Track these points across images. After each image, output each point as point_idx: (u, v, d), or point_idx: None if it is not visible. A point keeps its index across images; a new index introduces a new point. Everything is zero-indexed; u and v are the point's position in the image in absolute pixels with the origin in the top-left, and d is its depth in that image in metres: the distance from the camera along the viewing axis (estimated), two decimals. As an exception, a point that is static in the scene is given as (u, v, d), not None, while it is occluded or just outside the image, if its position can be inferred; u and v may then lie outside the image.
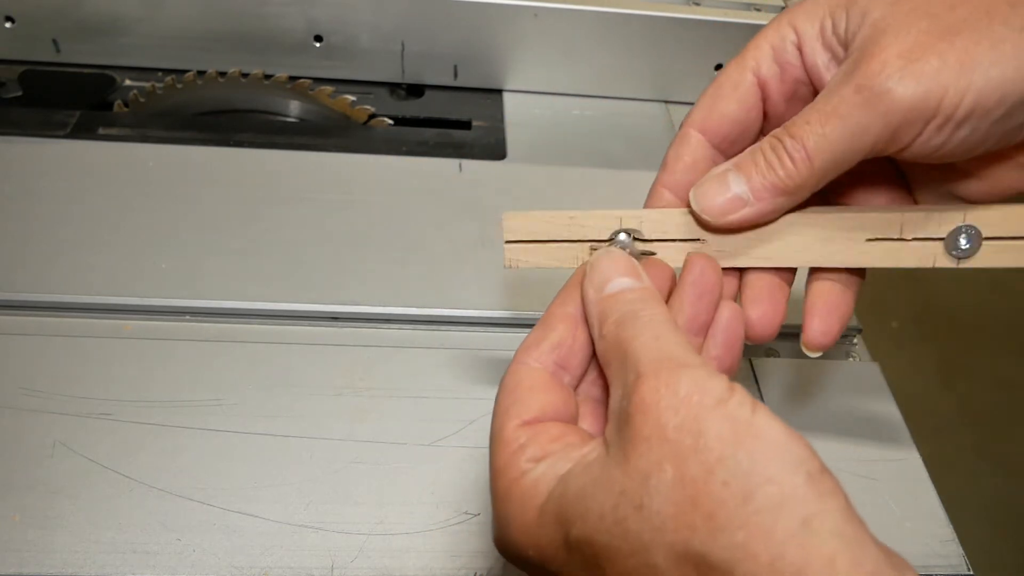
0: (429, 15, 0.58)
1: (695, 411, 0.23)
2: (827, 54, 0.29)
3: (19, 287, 0.44)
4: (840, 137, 0.27)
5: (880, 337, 1.50)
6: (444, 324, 0.46)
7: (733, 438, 0.22)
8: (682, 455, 0.22)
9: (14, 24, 0.59)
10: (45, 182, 0.51)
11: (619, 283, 0.29)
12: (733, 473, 0.22)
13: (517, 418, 0.27)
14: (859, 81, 0.26)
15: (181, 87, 0.59)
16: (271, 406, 0.40)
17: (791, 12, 0.30)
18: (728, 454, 0.22)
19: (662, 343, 0.25)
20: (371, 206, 0.51)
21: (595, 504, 0.24)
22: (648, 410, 0.23)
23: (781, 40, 0.30)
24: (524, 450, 0.27)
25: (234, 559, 0.35)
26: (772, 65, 0.31)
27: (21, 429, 0.38)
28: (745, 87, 0.31)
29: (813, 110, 0.28)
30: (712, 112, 0.31)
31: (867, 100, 0.26)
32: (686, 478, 0.22)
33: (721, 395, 0.23)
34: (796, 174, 0.28)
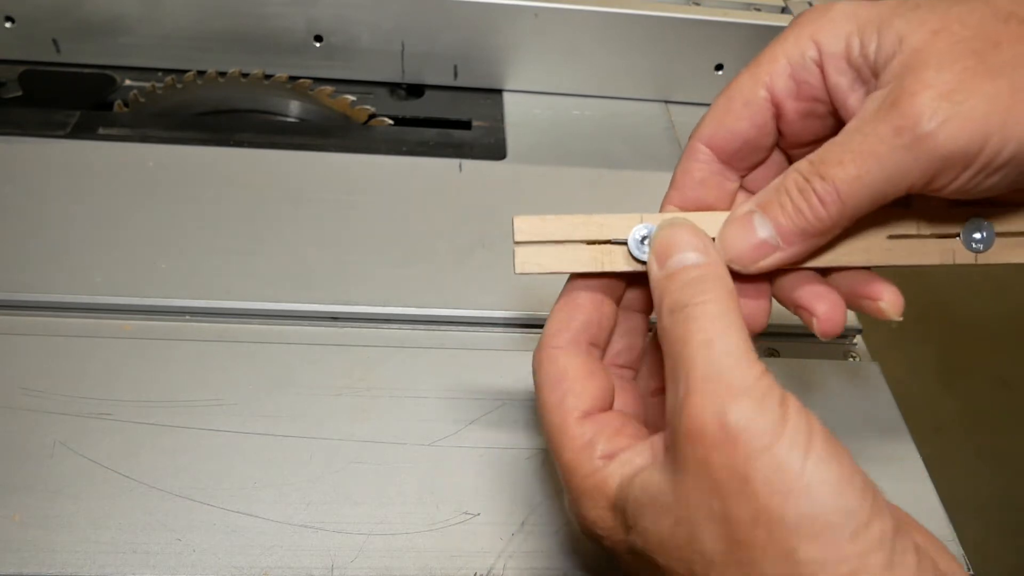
0: (429, 15, 0.58)
1: (743, 453, 0.23)
2: (852, 74, 0.27)
3: (19, 287, 0.44)
4: (876, 180, 0.26)
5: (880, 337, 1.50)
6: (444, 324, 0.46)
7: (780, 489, 0.22)
8: (729, 495, 0.23)
9: (14, 24, 0.59)
10: (45, 182, 0.51)
11: (681, 259, 0.27)
12: (777, 525, 0.22)
13: (576, 411, 0.28)
14: (899, 122, 0.25)
15: (181, 87, 0.59)
16: (271, 406, 0.40)
17: (813, 25, 0.28)
18: (774, 505, 0.22)
19: (712, 352, 0.24)
20: (371, 206, 0.51)
21: (655, 526, 0.25)
22: (696, 441, 0.23)
23: (800, 55, 0.28)
24: (593, 446, 0.27)
25: (234, 559, 0.35)
26: (788, 82, 0.28)
27: (21, 429, 0.38)
28: (757, 104, 0.29)
29: (846, 149, 0.26)
30: (721, 128, 0.30)
31: (908, 144, 0.25)
32: (732, 519, 0.23)
33: (771, 435, 0.23)
34: (827, 218, 0.27)
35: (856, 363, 0.47)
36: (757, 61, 0.29)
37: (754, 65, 0.29)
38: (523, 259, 0.30)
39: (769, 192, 0.28)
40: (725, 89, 0.30)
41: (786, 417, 0.23)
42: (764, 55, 0.29)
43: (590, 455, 0.27)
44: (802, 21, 0.29)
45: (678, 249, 0.27)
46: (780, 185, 0.28)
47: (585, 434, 0.28)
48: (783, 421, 0.23)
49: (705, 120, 0.30)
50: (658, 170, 0.54)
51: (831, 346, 0.48)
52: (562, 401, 0.28)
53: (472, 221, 0.51)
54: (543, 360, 0.29)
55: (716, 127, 0.30)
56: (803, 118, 0.29)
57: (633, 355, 0.33)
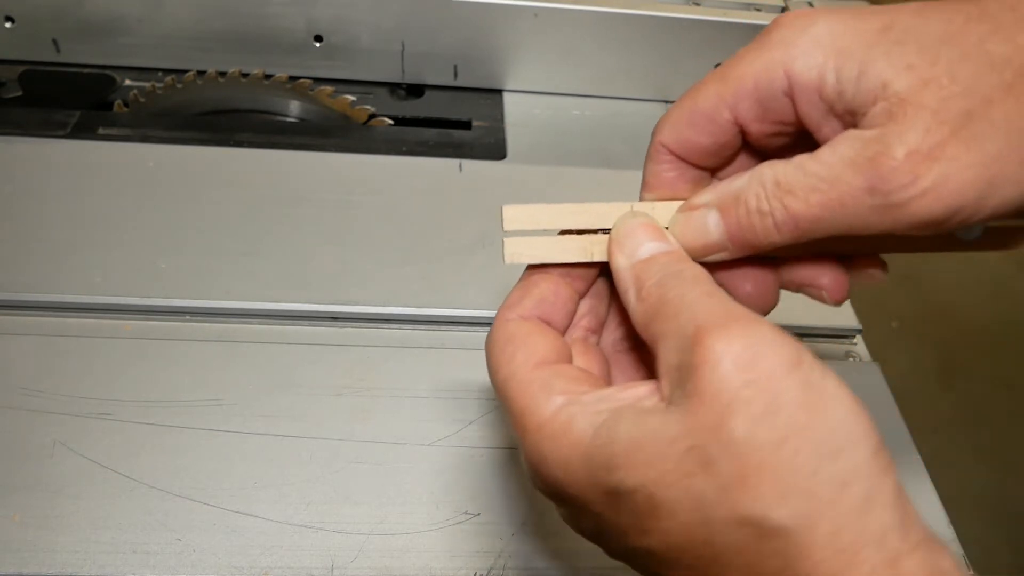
0: (429, 15, 0.58)
1: (769, 372, 0.22)
2: (825, 107, 0.26)
3: (19, 287, 0.44)
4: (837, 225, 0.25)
5: (880, 337, 1.50)
6: (444, 324, 0.46)
7: (806, 407, 0.22)
8: (754, 416, 0.22)
9: (14, 24, 0.59)
10: (45, 182, 0.51)
11: (650, 247, 0.27)
12: (804, 442, 0.22)
13: (528, 361, 0.27)
14: (875, 182, 0.24)
15: (181, 87, 0.59)
16: (271, 406, 0.40)
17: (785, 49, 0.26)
18: (801, 423, 0.22)
19: (717, 299, 0.24)
20: (371, 206, 0.52)
21: (656, 457, 0.23)
22: (717, 363, 0.23)
23: (769, 84, 0.27)
24: (550, 387, 0.26)
25: (234, 559, 0.35)
26: (753, 106, 0.27)
27: (21, 429, 0.38)
28: (720, 124, 0.28)
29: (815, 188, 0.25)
30: (681, 136, 0.29)
31: (879, 206, 0.24)
32: (756, 440, 0.22)
33: (794, 357, 0.23)
34: (779, 241, 0.27)
35: (856, 363, 0.47)
36: (724, 76, 0.28)
37: (720, 80, 0.28)
38: (512, 249, 0.30)
39: (728, 197, 0.28)
40: (690, 93, 0.29)
41: (802, 349, 0.23)
42: (732, 70, 0.28)
43: (548, 393, 0.26)
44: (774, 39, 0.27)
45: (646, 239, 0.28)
46: (741, 196, 0.27)
47: (539, 378, 0.26)
48: (800, 350, 0.23)
49: (668, 121, 0.29)
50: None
51: (831, 346, 0.48)
52: (512, 357, 0.27)
53: (472, 221, 0.51)
54: (494, 329, 0.28)
55: (677, 135, 0.29)
56: (769, 136, 0.29)
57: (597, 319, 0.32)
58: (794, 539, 0.22)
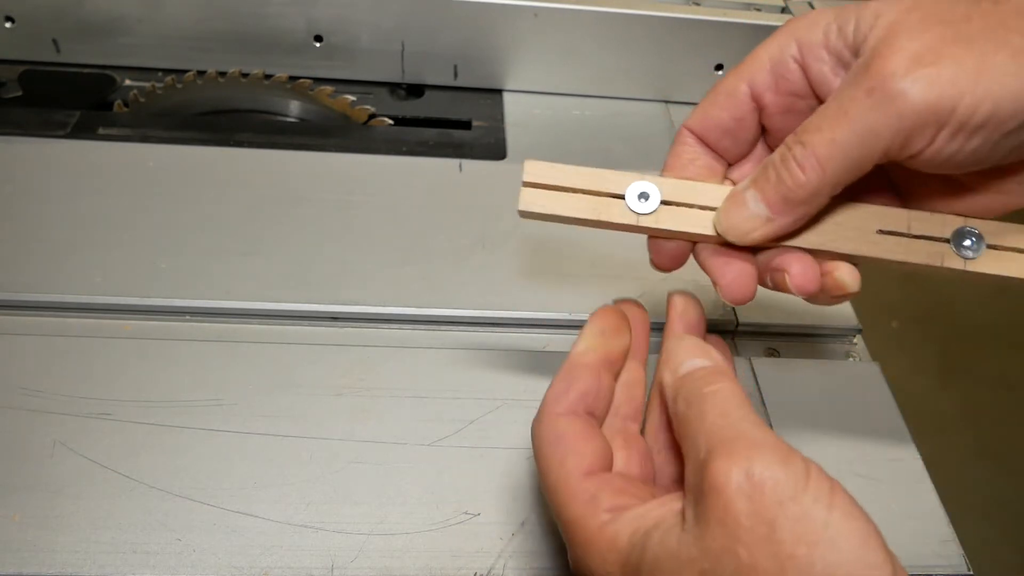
0: (429, 15, 0.58)
1: (769, 501, 0.23)
2: (833, 59, 0.29)
3: (19, 287, 0.44)
4: (851, 141, 0.26)
5: (880, 337, 1.50)
6: (444, 324, 0.46)
7: (806, 539, 0.23)
8: (755, 543, 0.23)
9: (14, 24, 0.59)
10: (45, 182, 0.51)
11: (691, 364, 0.29)
12: (805, 571, 0.22)
13: (577, 469, 0.29)
14: (871, 83, 0.26)
15: (181, 87, 0.59)
16: (271, 406, 0.40)
17: (793, 24, 0.30)
18: (800, 554, 0.23)
19: (730, 420, 0.26)
20: (371, 206, 0.51)
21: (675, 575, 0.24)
22: (720, 492, 0.24)
23: (780, 52, 0.30)
24: (598, 501, 0.28)
25: (234, 559, 0.35)
26: (767, 77, 0.30)
27: (21, 429, 0.38)
28: (738, 97, 0.31)
29: (823, 116, 0.27)
30: (706, 118, 0.32)
31: (879, 102, 0.25)
32: (759, 567, 0.23)
33: (796, 486, 0.23)
34: (807, 183, 0.28)
35: (856, 363, 0.47)
36: (743, 61, 0.31)
37: (739, 64, 0.31)
38: (528, 199, 0.31)
39: (759, 169, 0.30)
40: (713, 85, 0.32)
41: (809, 472, 0.24)
42: (749, 56, 0.31)
43: (595, 509, 0.28)
44: (785, 26, 0.30)
45: (688, 357, 0.29)
46: (768, 159, 0.29)
47: (589, 489, 0.28)
48: (807, 475, 0.24)
49: (695, 110, 0.32)
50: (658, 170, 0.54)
51: (831, 346, 0.48)
52: (563, 460, 0.29)
53: (472, 221, 0.51)
54: (543, 424, 0.30)
55: (701, 117, 0.32)
56: (784, 112, 0.31)
57: (634, 406, 0.34)
58: None
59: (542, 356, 0.45)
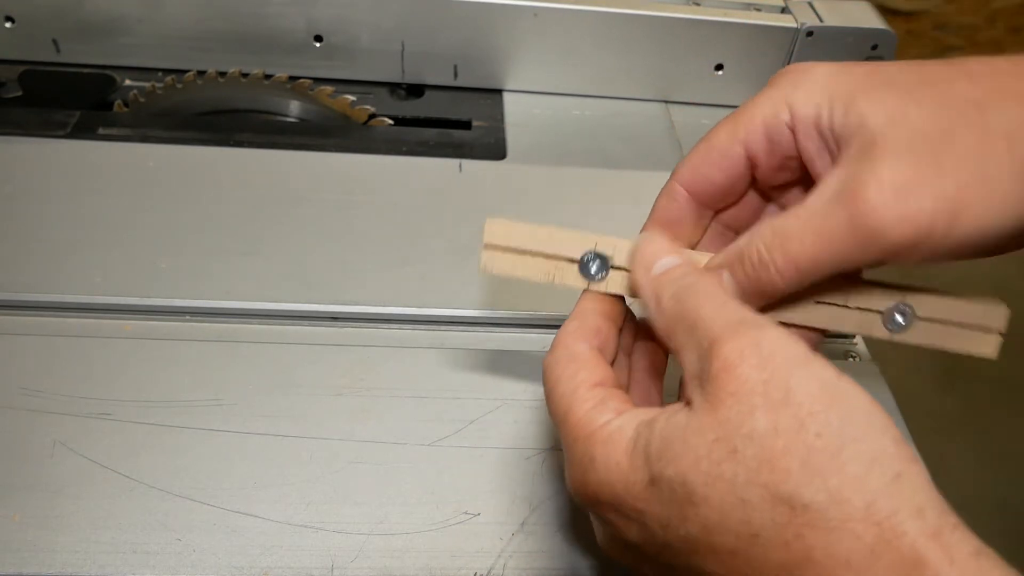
0: (429, 15, 0.58)
1: (783, 367, 0.24)
2: (819, 141, 0.30)
3: (19, 287, 0.44)
4: (831, 260, 0.28)
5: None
6: (444, 324, 0.46)
7: (822, 396, 0.24)
8: (773, 407, 0.24)
9: (14, 24, 0.59)
10: (45, 182, 0.51)
11: (665, 262, 0.30)
12: (825, 427, 0.23)
13: (589, 379, 0.29)
14: (853, 213, 0.27)
15: (181, 87, 0.59)
16: (271, 406, 0.40)
17: (789, 89, 0.30)
18: (819, 409, 0.24)
19: (729, 309, 0.27)
20: (371, 206, 0.52)
21: (687, 448, 0.25)
22: (733, 368, 0.25)
23: (775, 118, 0.30)
24: (605, 403, 0.28)
25: (234, 559, 0.35)
26: (763, 141, 0.31)
27: (21, 429, 0.38)
28: (733, 159, 0.32)
29: (807, 230, 0.28)
30: (698, 174, 0.33)
31: (862, 236, 0.27)
32: (779, 427, 0.23)
33: (805, 355, 0.25)
34: (783, 287, 0.29)
35: (856, 363, 0.47)
36: (735, 117, 0.31)
37: (732, 121, 0.31)
38: (487, 262, 0.33)
39: (733, 255, 0.30)
40: (706, 137, 0.32)
41: (815, 351, 0.25)
42: (743, 112, 0.31)
43: (603, 409, 0.28)
44: (781, 82, 0.31)
45: (661, 254, 0.30)
46: (744, 252, 0.30)
47: (598, 395, 0.29)
48: (812, 349, 0.25)
49: (685, 162, 0.33)
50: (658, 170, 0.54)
51: (831, 346, 0.48)
52: (576, 373, 0.30)
53: (472, 221, 0.51)
54: (557, 350, 0.31)
55: (693, 174, 0.33)
56: (775, 170, 0.32)
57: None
58: (830, 513, 0.22)
59: (542, 356, 0.45)
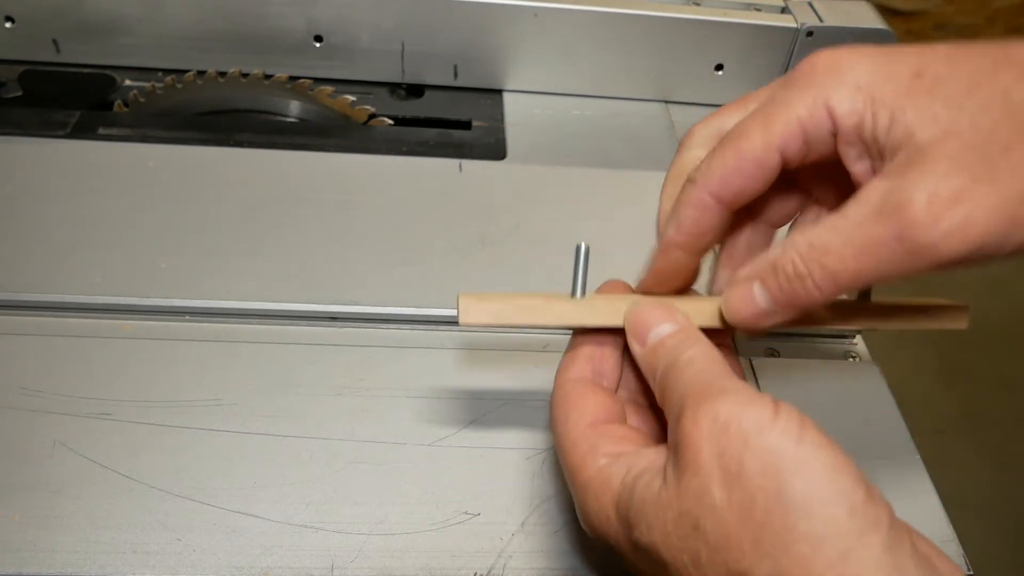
0: (429, 15, 0.58)
1: (735, 439, 0.24)
2: (860, 147, 0.28)
3: (19, 287, 0.44)
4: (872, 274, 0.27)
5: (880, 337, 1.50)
6: (444, 324, 0.46)
7: (774, 470, 0.24)
8: (728, 481, 0.24)
9: (14, 24, 0.59)
10: (45, 182, 0.51)
11: (657, 332, 0.30)
12: (774, 503, 0.23)
13: (580, 422, 0.30)
14: (902, 230, 0.25)
15: (181, 87, 0.59)
16: (271, 406, 0.40)
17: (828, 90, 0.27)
18: (769, 485, 0.23)
19: (700, 377, 0.27)
20: (371, 206, 0.51)
21: (657, 520, 0.26)
22: (690, 441, 0.25)
23: (815, 124, 0.28)
24: (597, 447, 0.29)
25: (234, 559, 0.35)
26: (799, 146, 0.28)
27: (21, 429, 0.38)
28: (769, 168, 0.29)
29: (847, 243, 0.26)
30: (731, 185, 0.30)
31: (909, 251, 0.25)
32: (732, 502, 0.24)
33: (761, 423, 0.24)
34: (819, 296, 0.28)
35: (856, 363, 0.47)
36: (769, 119, 0.28)
37: (765, 123, 0.29)
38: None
39: (767, 268, 0.29)
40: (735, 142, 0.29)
41: (777, 410, 0.25)
42: (777, 113, 0.28)
43: (594, 455, 0.29)
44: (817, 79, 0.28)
45: (653, 324, 0.30)
46: (778, 264, 0.28)
47: (590, 438, 0.29)
48: (774, 413, 0.25)
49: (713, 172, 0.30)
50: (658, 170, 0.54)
51: (831, 346, 0.48)
52: (568, 416, 0.30)
53: (472, 221, 0.51)
54: (554, 389, 0.32)
55: (725, 185, 0.30)
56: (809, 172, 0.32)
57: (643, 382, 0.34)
58: None
59: (542, 356, 0.45)
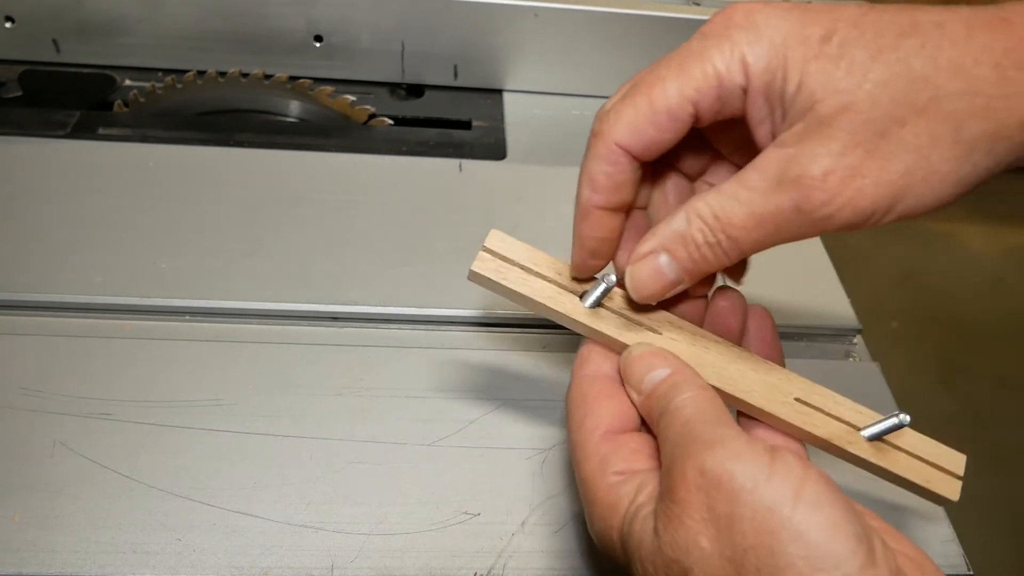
0: (429, 15, 0.58)
1: (726, 494, 0.24)
2: (766, 108, 0.28)
3: (19, 287, 0.44)
4: (772, 240, 0.28)
5: (880, 337, 1.50)
6: (444, 324, 0.46)
7: (767, 529, 0.23)
8: (718, 536, 0.24)
9: (14, 24, 0.59)
10: (45, 182, 0.51)
11: (651, 378, 0.30)
12: (766, 564, 0.23)
13: (594, 430, 0.30)
14: (800, 201, 0.27)
15: (181, 87, 0.59)
16: (271, 406, 0.40)
17: (742, 45, 0.27)
18: (761, 544, 0.23)
19: (689, 426, 0.27)
20: (371, 206, 0.51)
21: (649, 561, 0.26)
22: (677, 495, 0.25)
23: (730, 79, 0.28)
24: (607, 464, 0.29)
25: (234, 559, 0.35)
26: (714, 100, 0.28)
27: (21, 429, 0.38)
28: (682, 120, 0.29)
29: (751, 215, 0.28)
30: (642, 135, 0.29)
31: (805, 221, 0.27)
32: (724, 555, 0.24)
33: (755, 478, 0.24)
34: (727, 261, 0.29)
35: (856, 363, 0.47)
36: (684, 70, 0.28)
37: (680, 75, 0.28)
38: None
39: (673, 239, 0.29)
40: (646, 90, 0.29)
41: (773, 464, 0.24)
42: (691, 65, 0.28)
43: (604, 471, 0.29)
44: (733, 33, 0.28)
45: (647, 371, 0.30)
46: (686, 235, 0.29)
47: (601, 451, 0.29)
48: (770, 468, 0.24)
49: (621, 121, 0.29)
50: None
51: (831, 346, 0.48)
52: (583, 422, 0.30)
53: (472, 221, 0.51)
54: (571, 387, 0.32)
55: (636, 135, 0.29)
56: (718, 128, 0.31)
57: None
58: None
59: (542, 356, 0.45)
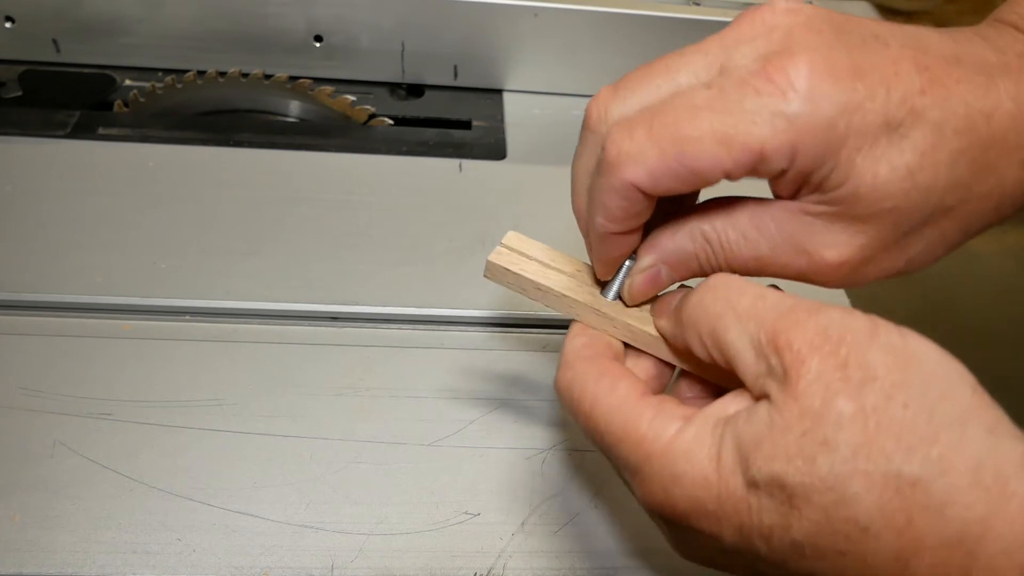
0: (429, 15, 0.58)
1: (856, 347, 0.24)
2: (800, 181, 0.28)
3: (19, 287, 0.44)
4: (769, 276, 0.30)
5: (880, 337, 1.50)
6: (444, 324, 0.46)
7: (898, 365, 0.24)
8: (855, 389, 0.23)
9: (14, 24, 0.58)
10: (45, 182, 0.51)
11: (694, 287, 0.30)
12: (910, 396, 0.23)
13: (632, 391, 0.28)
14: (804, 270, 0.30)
15: (181, 87, 0.59)
16: (271, 406, 0.41)
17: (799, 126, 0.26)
18: (899, 379, 0.23)
19: (769, 300, 0.26)
20: (371, 206, 0.52)
21: (777, 449, 0.24)
22: (804, 359, 0.24)
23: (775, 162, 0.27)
24: (665, 411, 0.27)
25: (234, 559, 0.35)
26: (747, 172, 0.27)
27: (21, 429, 0.38)
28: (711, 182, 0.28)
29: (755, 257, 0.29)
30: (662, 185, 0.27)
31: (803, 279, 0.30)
32: (866, 408, 0.23)
33: (870, 327, 0.24)
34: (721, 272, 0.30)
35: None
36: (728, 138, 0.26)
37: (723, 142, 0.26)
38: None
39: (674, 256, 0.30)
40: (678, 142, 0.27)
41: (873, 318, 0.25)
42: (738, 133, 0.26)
43: (664, 420, 0.26)
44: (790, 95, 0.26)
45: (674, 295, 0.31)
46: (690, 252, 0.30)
47: (652, 404, 0.27)
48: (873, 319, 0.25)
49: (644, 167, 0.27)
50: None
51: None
52: (614, 387, 0.28)
53: (472, 221, 0.51)
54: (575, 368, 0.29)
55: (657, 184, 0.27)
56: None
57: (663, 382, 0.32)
58: (936, 487, 0.22)
59: (542, 356, 0.45)
